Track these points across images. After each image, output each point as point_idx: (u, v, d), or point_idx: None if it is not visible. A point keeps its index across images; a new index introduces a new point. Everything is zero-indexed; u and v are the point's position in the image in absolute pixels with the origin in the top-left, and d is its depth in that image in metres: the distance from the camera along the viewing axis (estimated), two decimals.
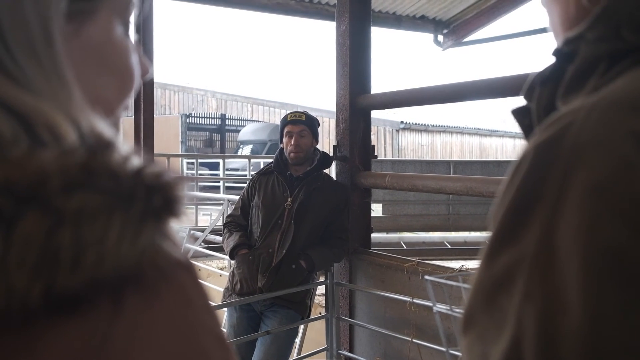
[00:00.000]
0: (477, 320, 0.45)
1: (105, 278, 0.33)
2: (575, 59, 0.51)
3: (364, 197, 3.34)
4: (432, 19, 7.70)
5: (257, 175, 3.16)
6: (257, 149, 17.60)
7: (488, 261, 0.45)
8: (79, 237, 0.32)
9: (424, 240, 8.68)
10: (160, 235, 0.36)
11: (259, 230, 2.96)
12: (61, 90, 0.39)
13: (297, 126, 3.03)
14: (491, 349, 0.43)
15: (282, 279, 2.88)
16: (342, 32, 3.28)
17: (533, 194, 0.43)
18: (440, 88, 2.89)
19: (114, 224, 0.33)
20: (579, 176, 0.41)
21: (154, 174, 0.36)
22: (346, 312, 3.26)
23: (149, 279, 0.35)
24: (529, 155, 0.45)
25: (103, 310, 0.34)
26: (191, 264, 0.40)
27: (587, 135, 0.42)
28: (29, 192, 0.32)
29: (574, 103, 0.46)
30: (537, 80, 0.55)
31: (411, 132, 16.50)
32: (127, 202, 0.34)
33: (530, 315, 0.40)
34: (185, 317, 0.37)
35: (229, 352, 0.39)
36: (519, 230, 0.43)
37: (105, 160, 0.35)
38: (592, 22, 0.50)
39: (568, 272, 0.39)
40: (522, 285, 0.41)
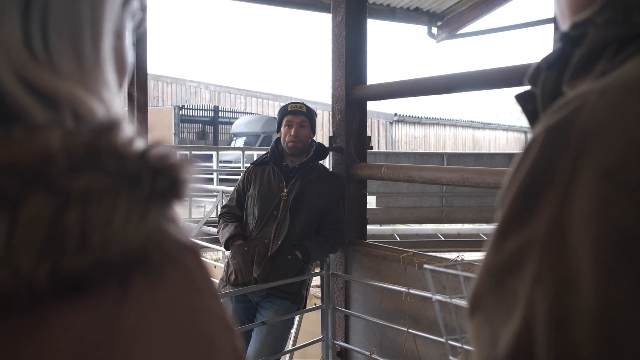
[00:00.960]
0: (485, 303, 0.45)
1: (112, 260, 0.33)
2: (583, 43, 0.50)
3: (360, 189, 3.34)
4: (426, 11, 7.70)
5: (253, 165, 3.15)
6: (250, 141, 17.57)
7: (497, 244, 0.45)
8: (86, 218, 0.32)
9: (418, 233, 8.71)
10: (165, 218, 0.36)
11: (255, 221, 2.96)
12: (92, 78, 0.39)
13: (297, 117, 3.03)
14: (500, 331, 0.43)
15: (277, 270, 2.88)
16: (338, 22, 3.27)
17: (543, 177, 0.43)
18: (436, 79, 2.89)
19: (120, 205, 0.33)
20: (591, 159, 0.40)
21: (159, 156, 0.36)
22: (342, 303, 3.27)
23: (155, 262, 0.35)
24: (538, 138, 0.45)
25: (110, 292, 0.34)
26: (196, 247, 0.39)
27: (598, 118, 0.42)
28: (34, 172, 0.31)
29: (583, 87, 0.46)
30: (543, 64, 0.54)
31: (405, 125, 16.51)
32: (133, 183, 0.34)
33: (542, 297, 0.40)
34: (191, 301, 0.37)
35: (234, 335, 0.39)
36: (529, 214, 0.43)
37: (110, 141, 0.34)
38: (602, 6, 0.50)
39: (580, 255, 0.39)
40: (532, 267, 0.41)
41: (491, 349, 0.43)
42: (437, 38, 8.01)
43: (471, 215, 8.85)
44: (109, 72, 0.41)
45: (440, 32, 7.93)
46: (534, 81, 0.56)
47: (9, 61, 0.35)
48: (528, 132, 21.37)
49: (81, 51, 0.39)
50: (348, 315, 3.27)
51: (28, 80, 0.35)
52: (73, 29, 0.38)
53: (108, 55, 0.41)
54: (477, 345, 0.46)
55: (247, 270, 2.90)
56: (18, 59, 0.35)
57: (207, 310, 0.38)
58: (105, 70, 0.41)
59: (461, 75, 2.71)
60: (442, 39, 8.01)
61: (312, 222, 2.99)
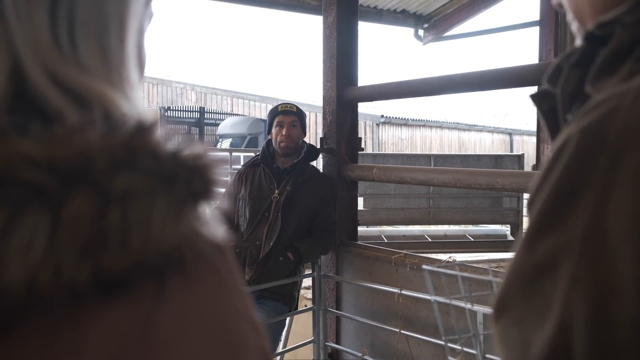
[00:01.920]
0: (513, 305, 0.44)
1: (150, 260, 0.33)
2: (609, 43, 0.50)
3: (351, 190, 3.34)
4: (412, 14, 7.73)
5: (244, 167, 3.16)
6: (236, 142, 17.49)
7: (528, 246, 0.44)
8: (126, 218, 0.32)
9: (405, 234, 8.72)
10: (198, 217, 0.36)
11: (246, 223, 2.95)
12: (118, 76, 0.39)
13: (288, 117, 3.03)
14: (533, 335, 0.42)
15: (269, 272, 2.87)
16: (330, 24, 3.27)
17: (579, 178, 0.42)
18: (428, 80, 2.90)
19: (158, 205, 0.33)
20: (630, 160, 0.40)
21: (193, 156, 0.36)
22: (333, 304, 3.26)
23: (189, 263, 0.35)
24: (572, 139, 0.44)
25: (147, 292, 0.34)
26: (226, 247, 0.39)
27: (637, 119, 0.41)
28: (76, 172, 0.31)
29: (616, 87, 0.45)
30: (564, 63, 0.54)
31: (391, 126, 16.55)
32: (169, 183, 0.34)
33: (580, 300, 0.39)
34: (222, 302, 0.37)
35: (262, 336, 0.39)
36: (563, 216, 0.42)
37: (146, 140, 0.34)
38: (632, 6, 0.49)
39: (621, 258, 0.38)
40: (569, 270, 0.40)
41: (524, 353, 0.42)
42: (423, 40, 8.05)
43: (458, 216, 8.87)
44: (133, 69, 0.41)
45: (427, 34, 7.97)
46: (554, 80, 0.55)
47: (40, 59, 0.35)
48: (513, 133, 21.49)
49: (108, 49, 0.39)
50: (339, 317, 3.27)
51: (57, 78, 0.35)
52: (100, 27, 0.38)
53: (132, 53, 0.41)
54: (505, 348, 0.45)
55: None
56: (48, 57, 0.35)
57: (237, 310, 0.38)
58: (129, 67, 0.41)
59: (454, 76, 2.72)
60: (429, 41, 8.04)
61: (304, 223, 2.99)
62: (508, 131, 21.63)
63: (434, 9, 7.59)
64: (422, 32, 8.05)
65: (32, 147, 0.31)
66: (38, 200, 0.30)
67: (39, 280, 0.30)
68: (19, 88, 0.34)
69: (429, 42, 8.19)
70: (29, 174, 0.30)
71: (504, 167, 8.59)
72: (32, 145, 0.31)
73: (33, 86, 0.34)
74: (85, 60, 0.37)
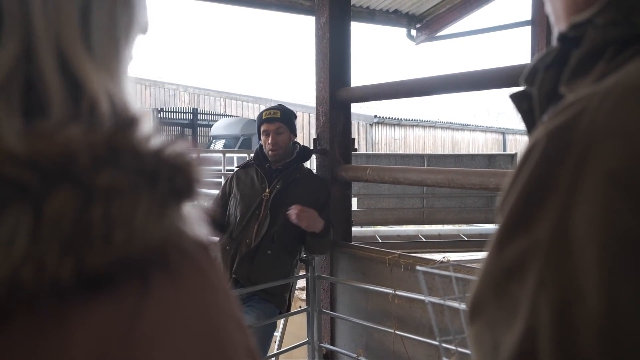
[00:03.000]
0: (485, 308, 0.45)
1: (134, 257, 0.34)
2: (582, 44, 0.50)
3: (345, 189, 3.34)
4: (405, 14, 7.73)
5: (237, 169, 3.17)
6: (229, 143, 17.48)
7: (498, 249, 0.44)
8: (109, 214, 0.32)
9: (399, 234, 8.74)
10: (181, 216, 0.37)
11: (237, 221, 2.96)
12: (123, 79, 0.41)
13: (272, 124, 3.02)
14: (503, 337, 0.42)
15: (258, 267, 2.87)
16: (322, 24, 3.27)
17: (546, 181, 0.42)
18: (420, 81, 2.90)
19: (141, 202, 0.34)
20: (594, 163, 0.40)
21: (176, 154, 0.36)
22: (327, 305, 3.26)
23: (173, 260, 0.36)
24: (540, 142, 0.44)
25: (132, 289, 0.34)
26: (210, 246, 0.40)
27: (602, 122, 0.41)
28: (58, 168, 0.32)
29: (584, 89, 0.45)
30: (540, 64, 0.54)
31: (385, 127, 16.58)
32: (152, 181, 0.34)
33: (546, 303, 0.40)
34: (207, 299, 0.37)
35: (247, 334, 0.39)
36: (531, 218, 0.42)
37: (128, 138, 0.35)
38: (603, 7, 0.49)
39: (584, 261, 0.39)
40: (535, 273, 0.41)
41: (493, 355, 0.43)
42: (416, 40, 8.05)
43: (452, 216, 8.90)
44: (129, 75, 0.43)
45: (419, 34, 7.98)
46: (531, 81, 0.56)
47: (55, 43, 0.35)
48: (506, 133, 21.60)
49: (120, 54, 0.41)
50: (334, 318, 3.26)
51: (67, 63, 0.35)
52: (112, 34, 0.40)
53: (129, 62, 0.43)
54: (478, 351, 0.45)
55: (225, 270, 2.88)
56: (66, 42, 0.36)
57: (223, 308, 0.38)
58: (128, 74, 0.43)
59: (445, 77, 2.72)
60: (421, 41, 8.05)
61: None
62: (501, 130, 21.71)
63: (426, 9, 7.60)
64: (414, 32, 8.05)
65: (15, 143, 0.31)
66: (20, 196, 0.30)
67: (21, 276, 0.30)
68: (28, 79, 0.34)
69: (421, 42, 8.20)
70: (11, 171, 0.30)
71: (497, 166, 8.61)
72: (15, 142, 0.31)
73: (37, 72, 0.34)
74: (101, 60, 0.38)
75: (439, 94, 2.94)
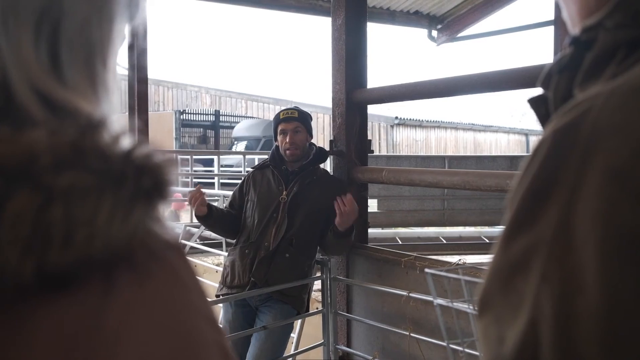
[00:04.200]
0: (493, 303, 0.46)
1: (97, 256, 0.34)
2: (594, 47, 0.51)
3: (361, 192, 3.33)
4: (426, 14, 7.71)
5: (253, 170, 3.17)
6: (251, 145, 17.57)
7: (505, 245, 0.45)
8: (70, 214, 0.33)
9: (419, 236, 8.70)
10: (150, 216, 0.37)
11: (255, 224, 2.96)
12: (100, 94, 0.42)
13: (290, 123, 3.02)
14: (507, 331, 0.43)
15: (276, 270, 2.88)
16: (338, 26, 3.27)
17: (551, 179, 0.43)
18: (436, 82, 2.88)
19: (105, 203, 0.34)
20: (597, 161, 0.41)
21: (144, 155, 0.37)
22: (343, 307, 3.26)
23: (140, 259, 0.36)
24: (546, 141, 0.45)
25: (95, 288, 0.35)
26: (181, 246, 0.40)
27: (606, 121, 0.42)
28: (19, 171, 0.32)
29: (592, 90, 0.46)
30: (555, 68, 0.55)
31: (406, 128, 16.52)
32: (117, 182, 0.35)
33: (548, 297, 0.41)
34: (177, 298, 0.38)
35: (220, 332, 0.40)
36: (536, 215, 0.43)
37: (95, 140, 0.35)
38: (611, 10, 0.50)
39: (585, 256, 0.39)
40: (539, 268, 0.42)
41: (498, 348, 0.44)
42: (437, 41, 8.02)
43: (473, 218, 8.83)
44: (113, 91, 0.44)
45: (441, 35, 7.94)
46: (546, 85, 0.57)
47: (25, 75, 0.37)
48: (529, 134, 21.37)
49: (93, 69, 0.41)
50: (350, 320, 3.26)
51: (40, 92, 0.37)
52: (86, 49, 0.41)
53: (112, 74, 0.44)
54: (485, 345, 0.46)
55: (243, 273, 2.90)
56: (32, 73, 0.37)
57: (193, 306, 0.38)
58: (111, 87, 0.44)
59: (461, 78, 2.70)
60: (443, 42, 8.01)
61: (310, 223, 2.97)
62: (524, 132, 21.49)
63: (447, 9, 7.56)
64: (435, 33, 8.02)
65: None
66: None
67: None
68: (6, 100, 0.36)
69: (442, 42, 8.16)
70: None
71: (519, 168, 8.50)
72: None
73: (19, 99, 0.36)
74: (70, 78, 0.39)
75: (454, 95, 2.93)
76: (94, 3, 0.42)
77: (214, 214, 3.00)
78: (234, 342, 2.93)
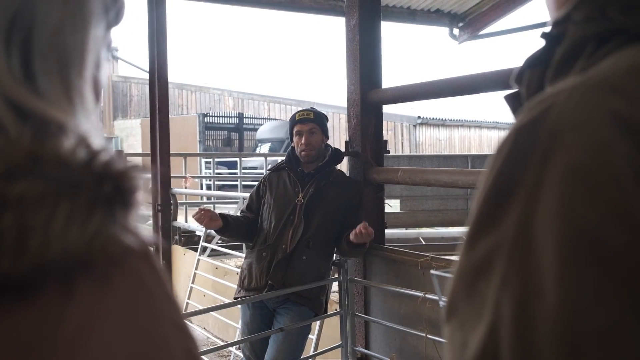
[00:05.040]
0: (458, 308, 0.44)
1: (53, 263, 0.34)
2: (563, 41, 0.50)
3: (377, 192, 3.32)
4: (447, 13, 7.64)
5: (269, 172, 3.17)
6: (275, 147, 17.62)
7: (468, 248, 0.44)
8: (23, 221, 0.33)
9: (443, 236, 8.63)
10: (114, 223, 0.37)
11: (272, 226, 2.96)
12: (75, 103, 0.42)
13: (306, 124, 3.02)
14: (470, 336, 0.42)
15: (293, 273, 2.87)
16: (352, 27, 3.26)
17: (512, 178, 0.42)
18: (451, 81, 2.85)
19: (61, 210, 0.34)
20: (557, 159, 0.40)
21: (104, 163, 0.36)
22: (361, 309, 3.25)
23: (100, 266, 0.36)
24: (509, 139, 0.44)
25: (52, 296, 0.34)
26: (150, 252, 0.40)
27: (567, 118, 0.41)
28: None
29: (557, 86, 0.45)
30: (527, 64, 0.54)
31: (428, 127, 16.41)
32: (74, 189, 0.35)
33: (508, 301, 0.39)
34: (139, 305, 0.37)
35: (188, 338, 0.39)
36: (498, 216, 0.42)
37: (54, 148, 0.35)
38: (578, 2, 0.49)
39: (544, 257, 0.38)
40: (500, 271, 0.40)
41: (460, 353, 0.42)
42: (459, 39, 7.95)
43: None
44: (90, 99, 0.44)
45: (462, 33, 7.87)
46: (519, 81, 0.55)
47: None
48: None
49: (68, 78, 0.41)
50: (368, 321, 3.24)
51: (13, 102, 0.37)
52: (60, 57, 0.41)
53: (90, 84, 0.44)
54: (449, 352, 0.45)
55: (260, 275, 2.90)
56: (2, 79, 0.37)
57: (159, 313, 0.38)
58: (87, 96, 0.43)
59: (476, 76, 2.67)
60: (464, 40, 7.94)
61: (327, 225, 2.96)
62: None
63: (468, 7, 7.49)
64: (457, 31, 7.96)
65: None
66: None
67: None
68: None
69: (464, 41, 8.09)
70: None
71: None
72: None
73: None
74: (43, 87, 0.39)
75: (472, 93, 2.89)
76: (67, 9, 0.41)
77: (231, 225, 2.98)
78: (252, 344, 2.94)
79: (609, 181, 0.38)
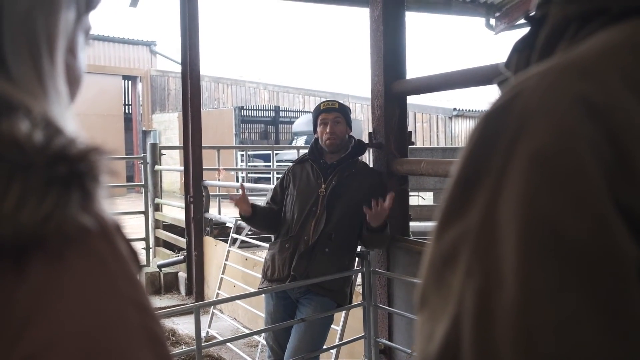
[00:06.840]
0: (429, 298, 0.43)
1: (4, 243, 0.34)
2: (546, 23, 0.49)
3: (401, 184, 3.29)
4: (483, 3, 7.52)
5: (292, 164, 3.18)
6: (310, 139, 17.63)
7: (437, 237, 0.43)
8: None
9: None
10: (71, 205, 0.37)
11: (295, 218, 2.97)
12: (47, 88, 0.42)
13: (330, 114, 3.02)
14: (436, 327, 0.41)
15: (315, 265, 2.88)
16: (376, 17, 3.24)
17: (480, 165, 0.41)
18: (475, 70, 2.81)
19: (12, 190, 0.34)
20: (523, 145, 0.39)
21: (60, 145, 0.37)
22: (385, 300, 3.24)
23: (54, 245, 0.36)
24: (479, 125, 0.43)
25: (4, 276, 0.35)
26: (112, 233, 0.40)
27: (535, 103, 0.40)
28: None
29: (529, 70, 0.44)
30: (515, 47, 0.53)
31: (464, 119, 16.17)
32: (27, 170, 0.35)
33: (470, 292, 0.38)
34: (97, 284, 0.37)
35: (149, 317, 0.39)
36: (465, 204, 0.41)
37: (8, 130, 0.36)
38: None
39: (506, 247, 0.37)
40: (465, 261, 0.39)
41: (427, 347, 0.41)
42: (495, 29, 7.82)
43: None
44: (62, 84, 0.44)
45: (499, 23, 7.73)
46: (508, 66, 0.54)
47: None
48: None
49: (39, 63, 0.42)
50: (391, 313, 3.23)
51: None
52: (30, 43, 0.41)
53: (61, 68, 0.45)
54: (418, 343, 0.44)
55: (283, 266, 2.92)
56: None
57: (117, 292, 0.38)
58: (59, 81, 0.44)
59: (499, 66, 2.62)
60: (501, 30, 7.80)
61: (349, 216, 2.96)
62: None
63: None
64: (493, 21, 7.83)
65: None
66: None
67: None
68: None
69: (501, 31, 7.94)
70: None
71: None
72: None
73: None
74: (15, 72, 0.40)
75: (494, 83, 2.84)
76: None
77: (258, 214, 3.03)
78: (275, 334, 2.97)
79: (571, 169, 0.37)
